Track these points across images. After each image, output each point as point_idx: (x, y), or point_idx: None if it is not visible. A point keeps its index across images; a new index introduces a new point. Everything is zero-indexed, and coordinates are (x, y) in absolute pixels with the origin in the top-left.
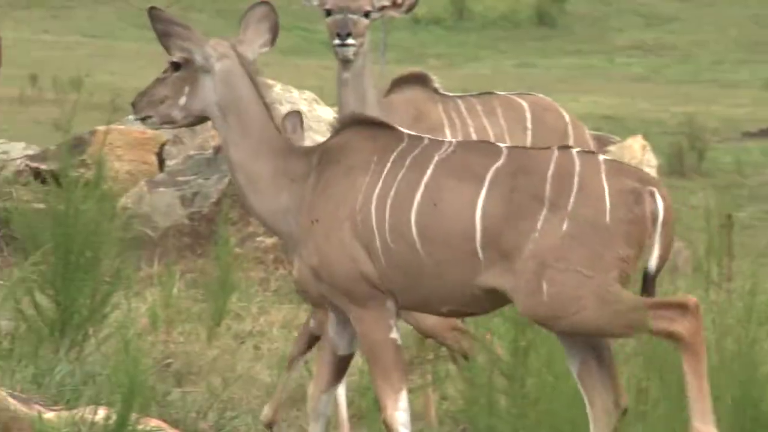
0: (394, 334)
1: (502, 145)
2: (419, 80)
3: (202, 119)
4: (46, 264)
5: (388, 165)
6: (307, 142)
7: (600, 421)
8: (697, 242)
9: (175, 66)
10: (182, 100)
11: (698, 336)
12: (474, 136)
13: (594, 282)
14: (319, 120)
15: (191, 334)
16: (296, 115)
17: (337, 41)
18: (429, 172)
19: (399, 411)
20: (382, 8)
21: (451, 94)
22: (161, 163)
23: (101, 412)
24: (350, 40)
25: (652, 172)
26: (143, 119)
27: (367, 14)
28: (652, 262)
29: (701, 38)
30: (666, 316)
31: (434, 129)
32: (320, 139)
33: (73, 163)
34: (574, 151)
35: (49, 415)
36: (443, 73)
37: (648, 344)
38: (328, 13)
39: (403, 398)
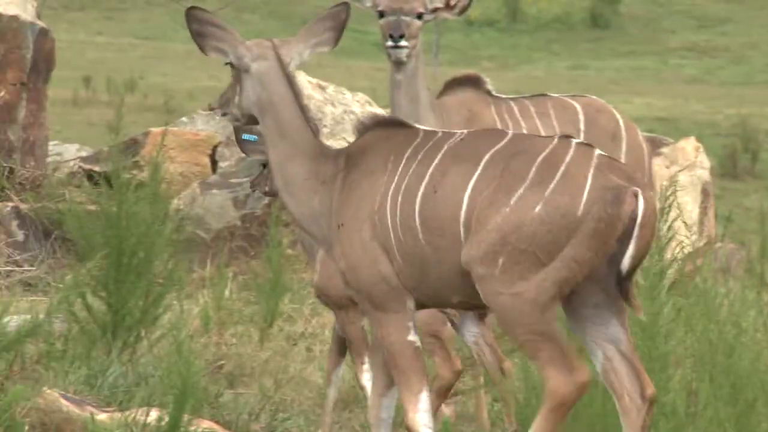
0: (413, 337)
1: (511, 131)
2: (472, 82)
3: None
4: (98, 266)
5: (403, 162)
6: None
7: (629, 415)
8: (750, 244)
9: (231, 66)
10: (236, 99)
11: (566, 403)
12: None
13: (545, 273)
14: None
15: (243, 336)
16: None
17: (389, 43)
18: (436, 161)
19: (420, 413)
20: (435, 10)
21: (503, 96)
22: (214, 164)
23: (153, 414)
24: (403, 42)
25: (705, 174)
26: (223, 115)
27: (420, 16)
28: (625, 262)
29: (754, 40)
30: (555, 375)
31: None
32: None
33: (127, 164)
34: (574, 141)
35: (101, 416)
36: (496, 74)
37: (698, 346)
38: (381, 14)
39: (424, 400)
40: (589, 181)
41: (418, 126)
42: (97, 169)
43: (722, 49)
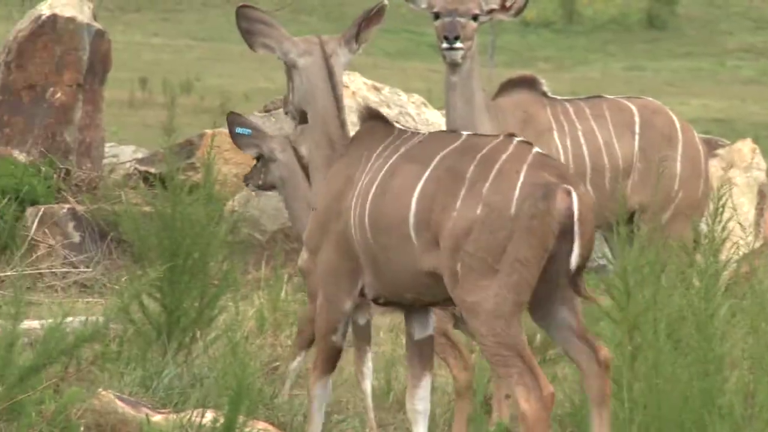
0: (336, 338)
1: (467, 133)
2: (528, 83)
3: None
4: (153, 268)
5: (371, 160)
6: None
7: (589, 379)
8: None
9: (285, 65)
10: (290, 96)
11: (539, 423)
12: (582, 140)
13: (494, 275)
14: (428, 123)
15: None
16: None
17: (445, 44)
18: (390, 162)
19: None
20: (491, 11)
21: (559, 97)
22: None
23: (209, 415)
24: (458, 44)
25: (762, 176)
26: (286, 114)
27: (475, 17)
28: (572, 260)
29: None
30: (515, 382)
31: (542, 132)
32: None
33: (182, 166)
34: (516, 139)
35: (156, 417)
36: (552, 76)
37: (756, 348)
38: (437, 16)
39: (328, 383)
40: (521, 179)
41: (395, 124)
42: (152, 170)
43: None
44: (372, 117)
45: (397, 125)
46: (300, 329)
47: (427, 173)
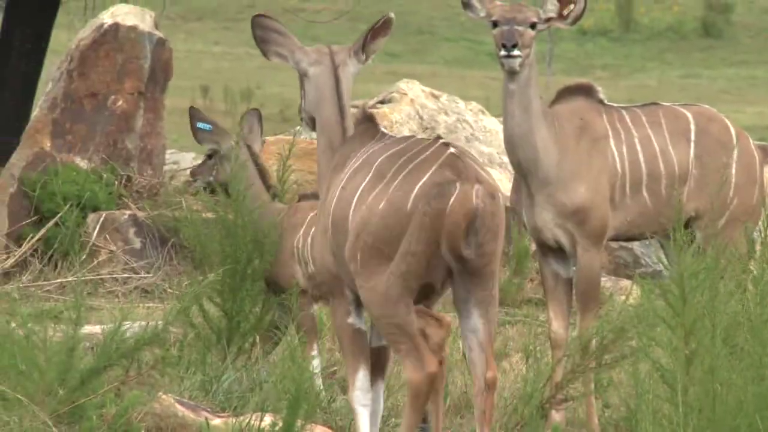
0: (352, 320)
1: (420, 137)
2: (584, 91)
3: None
4: (215, 273)
5: (352, 161)
6: (473, 153)
7: (477, 398)
8: None
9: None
10: (302, 103)
11: (424, 396)
12: (638, 147)
13: (377, 273)
14: (485, 130)
15: None
16: (254, 113)
17: (503, 52)
18: (356, 164)
19: (356, 391)
20: (548, 20)
21: (615, 105)
22: None
23: (267, 419)
24: (516, 51)
25: None
26: (301, 119)
27: (533, 25)
28: (465, 251)
29: None
30: (403, 354)
31: (598, 139)
32: (485, 149)
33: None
34: (440, 141)
35: (216, 421)
36: (609, 83)
37: None
38: (495, 24)
39: (361, 378)
40: (424, 178)
41: (381, 128)
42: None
43: None
44: (365, 120)
45: (383, 129)
46: (301, 324)
47: (368, 176)
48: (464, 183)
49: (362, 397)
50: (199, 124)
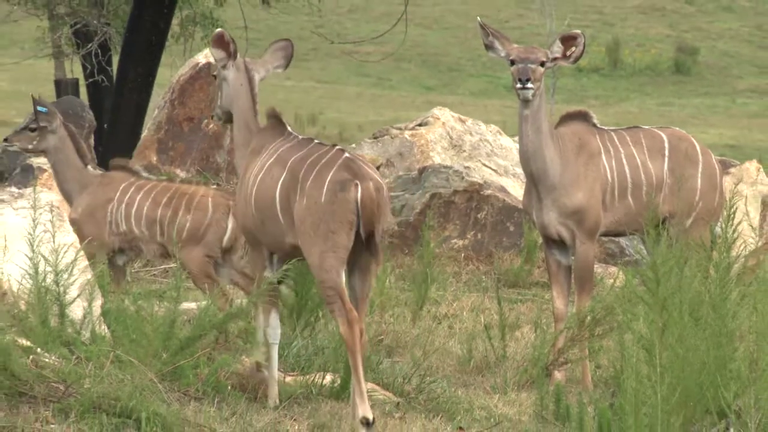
0: (267, 272)
1: (318, 141)
2: (582, 116)
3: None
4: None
5: (268, 150)
6: (492, 165)
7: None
8: None
9: (214, 77)
10: (218, 101)
11: (354, 340)
12: (624, 161)
13: (318, 242)
14: (502, 147)
15: (399, 317)
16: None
17: (519, 85)
18: (273, 158)
19: (270, 328)
20: (555, 59)
21: (606, 127)
22: None
23: (328, 377)
24: (530, 84)
25: (765, 189)
26: (212, 117)
27: (542, 64)
28: (360, 230)
29: None
30: (336, 314)
31: (593, 155)
32: (502, 162)
33: None
34: (336, 149)
35: (288, 379)
36: (600, 111)
37: (759, 324)
38: (512, 62)
39: (273, 318)
40: (329, 178)
41: (288, 127)
42: None
43: None
44: (273, 116)
45: (289, 128)
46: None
47: (284, 174)
48: (360, 180)
49: (273, 334)
50: (39, 107)
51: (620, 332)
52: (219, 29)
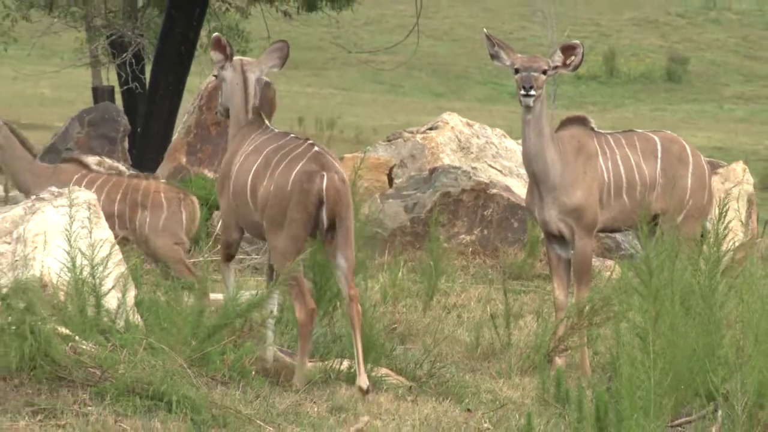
0: (233, 251)
1: (293, 134)
2: (580, 121)
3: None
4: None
5: (247, 141)
6: (498, 166)
7: (347, 308)
8: None
9: (215, 76)
10: (220, 98)
11: (306, 328)
12: (620, 162)
13: (284, 227)
14: (507, 149)
15: (411, 306)
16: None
17: (522, 92)
18: (249, 149)
19: (226, 280)
20: (556, 68)
21: (603, 131)
22: (390, 181)
23: (345, 363)
24: (532, 92)
25: (750, 188)
26: (215, 113)
27: (544, 72)
28: (323, 219)
29: None
30: (294, 299)
31: (591, 157)
32: (506, 163)
33: None
34: (308, 142)
35: (308, 364)
36: (598, 116)
37: (746, 313)
38: (516, 71)
39: (228, 270)
40: (297, 168)
41: (266, 121)
42: None
43: (763, 97)
44: (255, 113)
45: (267, 122)
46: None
47: (258, 161)
48: (326, 172)
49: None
50: None
51: (616, 321)
52: (216, 34)
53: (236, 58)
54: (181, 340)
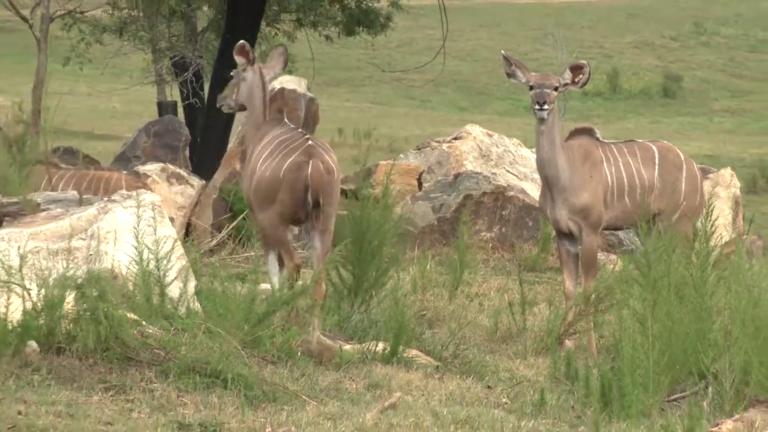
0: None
1: (301, 131)
2: (587, 131)
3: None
4: (347, 250)
5: (265, 138)
6: (515, 172)
7: (315, 285)
8: (766, 237)
9: (231, 77)
10: (234, 96)
11: (292, 276)
12: (622, 168)
13: (267, 210)
14: (523, 157)
15: (438, 295)
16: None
17: (536, 107)
18: (265, 141)
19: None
20: (565, 85)
21: (607, 141)
22: (420, 185)
23: (380, 345)
24: (545, 106)
25: (737, 191)
26: (220, 107)
27: (556, 88)
28: (308, 198)
29: None
30: (287, 263)
31: (596, 163)
32: (522, 169)
33: (365, 185)
34: (306, 136)
35: (347, 347)
36: (603, 127)
37: (733, 301)
38: (531, 88)
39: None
40: (290, 158)
41: (285, 119)
42: (345, 187)
43: (748, 111)
44: (278, 112)
45: (285, 119)
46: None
47: (267, 151)
48: (312, 161)
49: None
50: None
51: (619, 308)
52: (241, 41)
53: (256, 64)
54: (236, 324)
